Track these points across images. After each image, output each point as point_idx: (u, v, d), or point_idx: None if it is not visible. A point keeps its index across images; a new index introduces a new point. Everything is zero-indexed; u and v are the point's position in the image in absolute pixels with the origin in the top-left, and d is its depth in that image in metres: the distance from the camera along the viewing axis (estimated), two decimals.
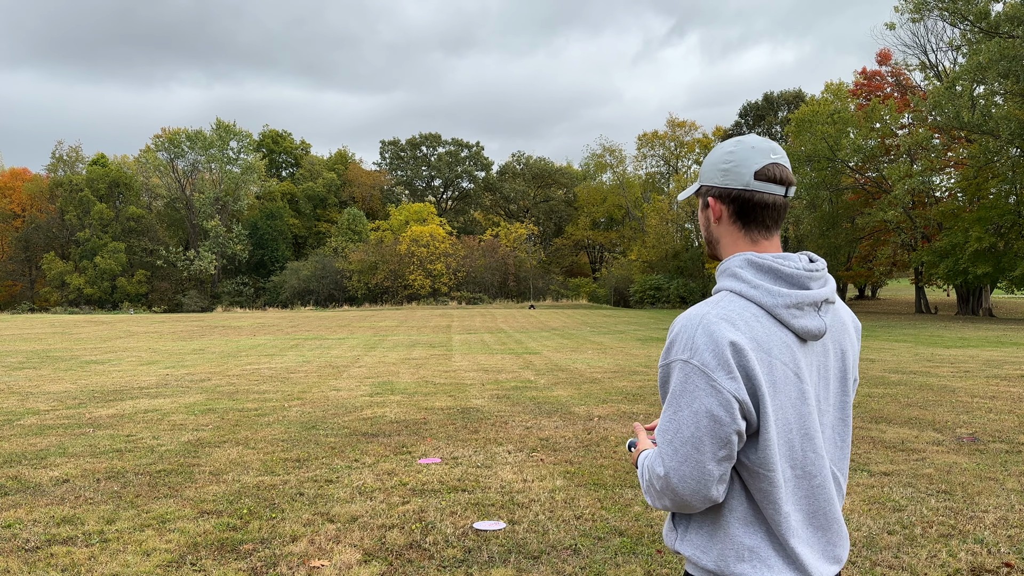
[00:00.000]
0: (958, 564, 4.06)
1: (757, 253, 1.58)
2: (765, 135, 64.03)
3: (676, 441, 1.48)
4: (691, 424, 1.46)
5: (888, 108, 39.21)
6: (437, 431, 8.02)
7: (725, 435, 1.46)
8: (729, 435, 1.46)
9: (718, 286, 1.59)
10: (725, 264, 1.60)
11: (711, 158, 1.64)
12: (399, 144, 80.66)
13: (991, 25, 31.22)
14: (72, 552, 4.36)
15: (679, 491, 1.49)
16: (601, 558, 4.22)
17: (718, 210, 1.63)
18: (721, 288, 1.58)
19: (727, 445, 1.46)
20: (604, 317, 40.75)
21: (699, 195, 1.67)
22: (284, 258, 71.14)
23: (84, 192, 65.99)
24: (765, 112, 60.67)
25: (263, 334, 28.37)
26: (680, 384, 1.48)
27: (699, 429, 1.45)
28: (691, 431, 1.46)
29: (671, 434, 1.49)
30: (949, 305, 44.83)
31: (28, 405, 10.21)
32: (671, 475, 1.49)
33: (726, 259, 1.61)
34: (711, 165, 1.63)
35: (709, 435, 1.46)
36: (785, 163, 1.60)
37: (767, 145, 1.59)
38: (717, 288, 1.59)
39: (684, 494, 1.49)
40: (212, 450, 7.14)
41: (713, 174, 1.62)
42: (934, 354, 16.58)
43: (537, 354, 18.27)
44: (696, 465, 1.47)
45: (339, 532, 4.69)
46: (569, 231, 72.15)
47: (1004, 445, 6.99)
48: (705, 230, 1.67)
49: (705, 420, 1.45)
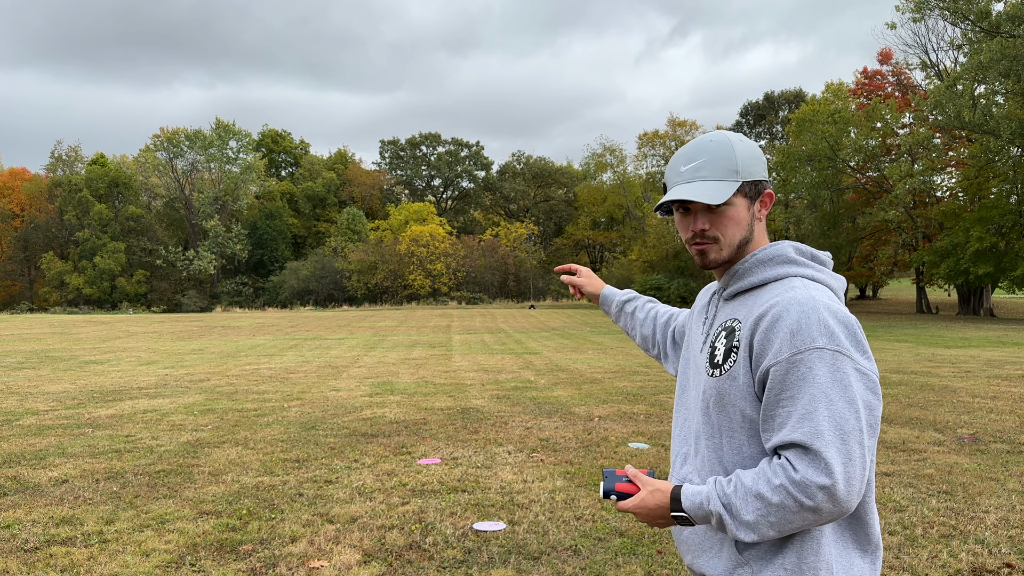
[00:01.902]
0: (959, 565, 4.05)
1: (793, 242, 1.58)
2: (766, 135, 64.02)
3: (839, 439, 1.30)
4: (852, 417, 1.31)
5: (889, 107, 39.19)
6: (437, 431, 8.01)
7: (877, 422, 1.37)
8: (879, 421, 1.37)
9: (776, 272, 1.50)
10: (769, 252, 1.52)
11: (753, 151, 1.53)
12: (399, 144, 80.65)
13: (992, 24, 31.19)
14: (71, 552, 4.35)
15: (842, 500, 1.30)
16: (601, 559, 4.21)
17: (770, 203, 1.57)
18: (785, 275, 1.49)
19: (876, 433, 1.37)
20: (604, 317, 40.74)
21: (745, 193, 1.52)
22: (283, 258, 71.12)
23: (83, 192, 65.96)
24: (766, 112, 60.68)
25: (262, 334, 28.36)
26: (827, 374, 1.33)
27: (859, 421, 1.32)
28: (853, 424, 1.31)
29: (833, 433, 1.31)
30: (950, 305, 44.81)
31: (27, 405, 10.19)
32: (839, 482, 1.29)
33: (767, 247, 1.54)
34: (756, 158, 1.53)
35: (868, 426, 1.34)
36: None
37: None
38: (777, 275, 1.49)
39: (847, 503, 1.31)
40: (211, 450, 7.13)
41: (761, 167, 1.53)
42: (935, 354, 16.57)
43: (537, 354, 18.26)
44: (862, 463, 1.31)
45: (339, 533, 4.68)
46: (569, 231, 72.13)
47: (1005, 445, 6.97)
48: (746, 228, 1.52)
49: (863, 410, 1.33)
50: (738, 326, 1.49)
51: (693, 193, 1.48)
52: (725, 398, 1.47)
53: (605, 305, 2.18)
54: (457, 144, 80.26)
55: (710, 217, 1.51)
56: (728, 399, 1.46)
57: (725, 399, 1.47)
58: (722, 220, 1.51)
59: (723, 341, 1.51)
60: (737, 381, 1.45)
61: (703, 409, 1.53)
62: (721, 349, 1.50)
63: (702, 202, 1.47)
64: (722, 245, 1.52)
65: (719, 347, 1.51)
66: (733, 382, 1.46)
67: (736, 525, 1.38)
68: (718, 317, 1.59)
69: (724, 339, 1.51)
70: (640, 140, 65.38)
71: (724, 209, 1.50)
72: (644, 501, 1.50)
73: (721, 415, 1.48)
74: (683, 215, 1.56)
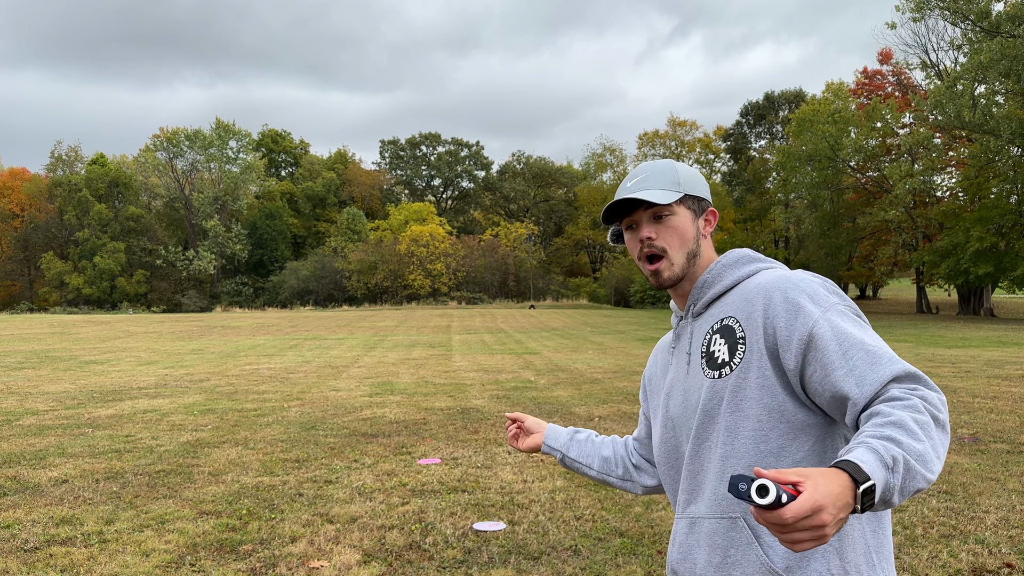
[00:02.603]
0: (959, 565, 4.05)
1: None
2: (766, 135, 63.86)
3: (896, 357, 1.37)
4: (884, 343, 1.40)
5: (889, 107, 39.21)
6: (437, 431, 8.01)
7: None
8: None
9: (746, 270, 1.56)
10: (732, 256, 1.59)
11: (693, 174, 1.62)
12: (399, 143, 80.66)
13: (992, 24, 31.20)
14: (71, 553, 4.34)
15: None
16: (601, 559, 4.21)
17: (714, 221, 1.65)
18: (756, 270, 1.56)
19: None
20: (604, 317, 40.74)
21: (688, 206, 1.59)
22: (283, 258, 71.12)
23: (83, 192, 65.95)
24: (766, 111, 60.67)
25: (262, 334, 28.35)
26: (852, 319, 1.41)
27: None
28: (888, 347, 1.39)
29: (889, 355, 1.36)
30: (950, 305, 44.81)
31: (27, 405, 10.19)
32: (930, 380, 1.34)
33: (728, 253, 1.60)
34: (697, 179, 1.62)
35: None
36: None
37: None
38: (748, 272, 1.56)
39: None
40: (211, 450, 7.12)
41: (703, 189, 1.63)
42: (935, 354, 16.57)
43: (537, 354, 18.25)
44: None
45: (338, 533, 4.68)
46: (569, 231, 72.14)
47: (1005, 445, 6.97)
48: (693, 242, 1.59)
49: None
50: (734, 322, 1.49)
51: (639, 195, 1.55)
52: (740, 393, 1.45)
53: (551, 440, 1.93)
54: (457, 144, 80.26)
55: (656, 227, 1.57)
56: (745, 393, 1.44)
57: (740, 394, 1.45)
58: (667, 230, 1.57)
59: (721, 342, 1.50)
60: (751, 372, 1.44)
61: (710, 417, 1.49)
62: (723, 349, 1.49)
63: (648, 200, 1.53)
64: (672, 260, 1.57)
65: (719, 349, 1.50)
66: (747, 373, 1.44)
67: (922, 462, 1.20)
68: (696, 334, 1.58)
69: (722, 339, 1.50)
70: (640, 140, 65.48)
71: (669, 218, 1.57)
72: (828, 489, 1.10)
73: (736, 414, 1.45)
74: (631, 233, 1.62)
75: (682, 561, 1.54)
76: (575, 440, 1.93)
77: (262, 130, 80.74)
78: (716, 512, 1.47)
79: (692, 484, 1.54)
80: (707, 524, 1.48)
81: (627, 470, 1.87)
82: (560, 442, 1.93)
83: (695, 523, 1.52)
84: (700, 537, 1.50)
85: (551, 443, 1.93)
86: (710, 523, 1.48)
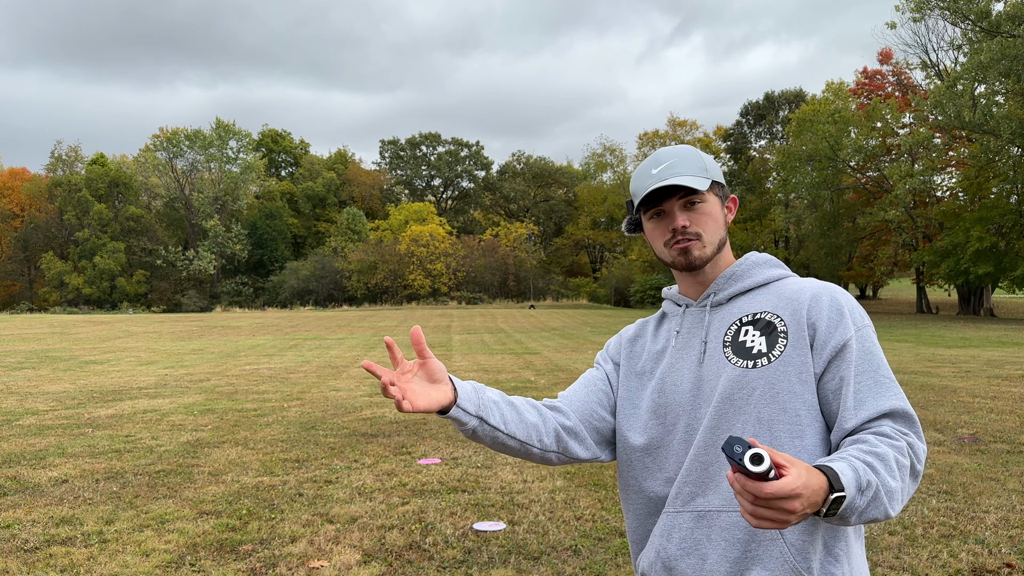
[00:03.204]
0: (959, 565, 4.05)
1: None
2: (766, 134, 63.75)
3: (901, 394, 1.41)
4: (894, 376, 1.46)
5: (889, 107, 39.22)
6: (437, 431, 8.01)
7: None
8: None
9: (775, 272, 1.57)
10: (758, 257, 1.60)
11: (713, 162, 1.58)
12: (398, 143, 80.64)
13: (992, 24, 31.20)
14: (71, 552, 4.34)
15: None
16: (601, 559, 4.21)
17: (735, 208, 1.63)
18: (785, 275, 1.58)
19: None
20: (604, 317, 40.74)
21: (716, 193, 1.56)
22: (283, 258, 71.11)
23: (83, 192, 65.96)
24: (766, 111, 60.65)
25: (262, 334, 28.35)
26: (878, 345, 1.46)
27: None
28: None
29: (895, 390, 1.40)
30: (950, 305, 44.81)
31: (27, 405, 10.19)
32: (920, 427, 1.39)
33: (750, 254, 1.60)
34: (718, 168, 1.59)
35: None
36: None
37: None
38: (778, 275, 1.57)
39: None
40: (211, 450, 7.12)
41: (722, 177, 1.60)
42: (935, 354, 16.57)
43: (537, 354, 18.25)
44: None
45: (338, 533, 4.68)
46: (569, 231, 72.14)
47: (1005, 445, 6.97)
48: (723, 226, 1.57)
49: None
50: (774, 318, 1.48)
51: (677, 181, 1.48)
52: (779, 385, 1.42)
53: (465, 402, 1.43)
54: (457, 144, 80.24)
55: (688, 214, 1.51)
56: (783, 385, 1.42)
57: (779, 386, 1.42)
58: (700, 216, 1.51)
59: (756, 335, 1.47)
60: (791, 366, 1.42)
61: (735, 407, 1.44)
62: (760, 341, 1.46)
63: (688, 186, 1.47)
64: (705, 242, 1.52)
65: (753, 341, 1.47)
66: (788, 366, 1.42)
67: (889, 497, 1.26)
68: (714, 324, 1.53)
69: (758, 332, 1.47)
70: (640, 140, 65.44)
71: (701, 205, 1.51)
72: (809, 481, 1.13)
73: (772, 406, 1.41)
74: (657, 221, 1.54)
75: (684, 557, 1.46)
76: (487, 401, 1.48)
77: (262, 130, 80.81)
78: (736, 505, 1.41)
79: (703, 476, 1.46)
80: (723, 517, 1.43)
81: (560, 438, 1.56)
82: (473, 404, 1.45)
83: (704, 516, 1.45)
84: (712, 531, 1.44)
85: (466, 406, 1.43)
86: (727, 516, 1.42)
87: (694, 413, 1.50)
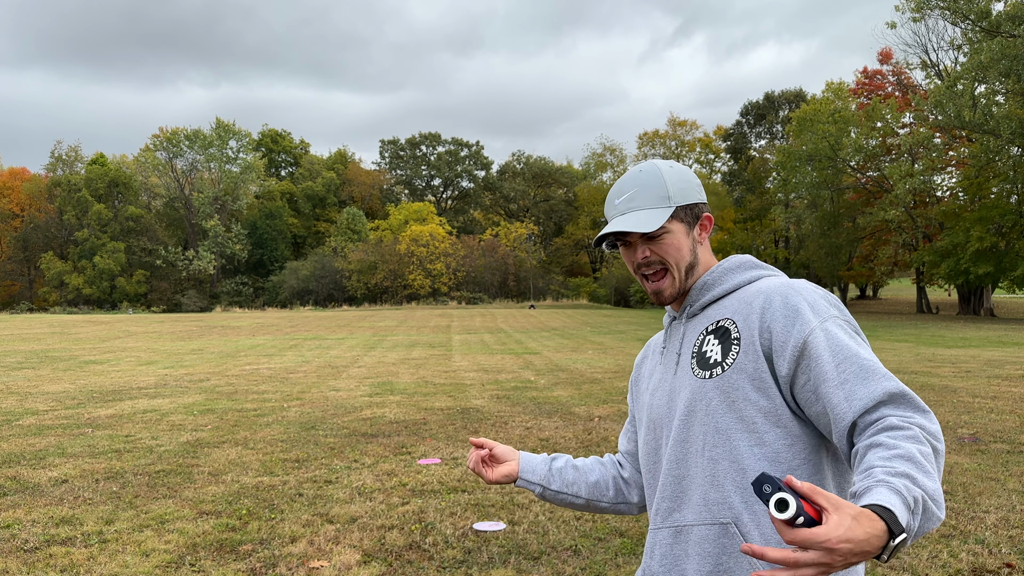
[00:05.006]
0: (959, 565, 4.04)
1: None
2: (766, 134, 63.75)
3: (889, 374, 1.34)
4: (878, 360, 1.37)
5: (889, 107, 39.22)
6: (437, 431, 8.01)
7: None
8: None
9: (747, 276, 1.53)
10: (734, 261, 1.56)
11: (684, 175, 1.55)
12: (398, 143, 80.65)
13: (992, 24, 31.20)
14: (71, 553, 4.34)
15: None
16: (601, 559, 4.21)
17: (710, 226, 1.58)
18: (757, 277, 1.53)
19: None
20: (604, 317, 40.75)
21: (680, 219, 1.53)
22: (283, 258, 71.13)
23: (83, 192, 65.95)
24: (766, 111, 60.66)
25: (262, 334, 28.35)
26: (849, 333, 1.38)
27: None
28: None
29: (882, 371, 1.33)
30: (950, 305, 44.81)
31: (27, 405, 10.19)
32: (920, 400, 1.31)
33: (729, 258, 1.56)
34: (687, 182, 1.54)
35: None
36: None
37: None
38: (749, 278, 1.52)
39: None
40: (211, 450, 7.12)
41: (695, 191, 1.55)
42: (935, 354, 16.57)
43: (537, 354, 18.26)
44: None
45: (338, 533, 4.68)
46: (569, 231, 72.15)
47: (1005, 445, 6.97)
48: (688, 253, 1.53)
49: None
50: (730, 324, 1.46)
51: (627, 224, 1.49)
52: (734, 393, 1.41)
53: (528, 474, 1.72)
54: (457, 144, 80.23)
55: (649, 245, 1.52)
56: (738, 393, 1.41)
57: (734, 394, 1.41)
58: (662, 247, 1.52)
59: (715, 343, 1.47)
60: (745, 371, 1.40)
61: (695, 418, 1.45)
62: (716, 349, 1.46)
63: (635, 231, 1.48)
64: (672, 273, 1.53)
65: (711, 349, 1.47)
66: (741, 373, 1.41)
67: (936, 504, 1.16)
68: (688, 335, 1.54)
69: (716, 340, 1.47)
70: (640, 140, 65.51)
71: (662, 236, 1.51)
72: (851, 534, 1.03)
73: (729, 414, 1.41)
74: (626, 248, 1.57)
75: (665, 573, 1.47)
76: (554, 469, 1.73)
77: (262, 130, 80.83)
78: (706, 518, 1.41)
79: (676, 490, 1.47)
80: (696, 531, 1.42)
81: (619, 490, 1.74)
82: (539, 474, 1.72)
83: (681, 531, 1.45)
84: (688, 546, 1.43)
85: (528, 476, 1.72)
86: (699, 530, 1.42)
87: (670, 427, 1.51)
